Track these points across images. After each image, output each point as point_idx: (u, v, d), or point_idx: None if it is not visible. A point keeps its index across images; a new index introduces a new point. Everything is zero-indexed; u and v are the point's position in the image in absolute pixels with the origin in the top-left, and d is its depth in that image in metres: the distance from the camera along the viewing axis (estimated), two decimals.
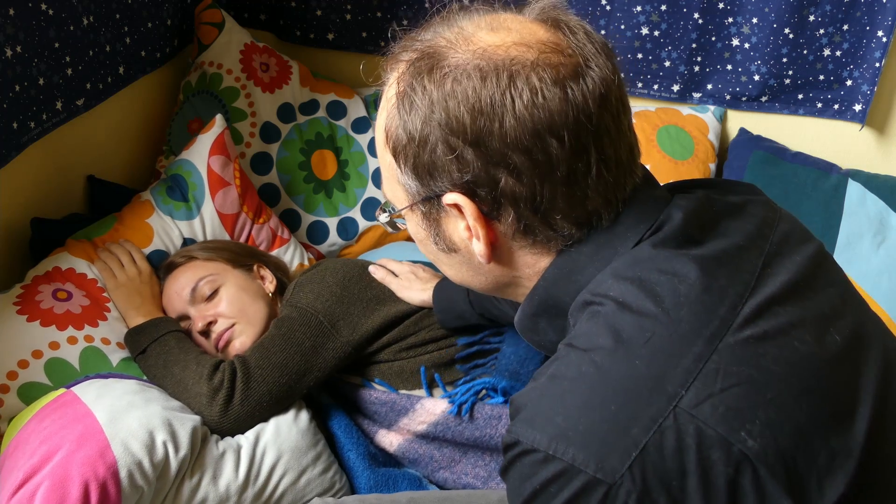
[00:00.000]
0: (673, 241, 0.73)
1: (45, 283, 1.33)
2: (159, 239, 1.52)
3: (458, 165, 0.72)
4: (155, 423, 1.08)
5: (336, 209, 1.85)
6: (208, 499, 1.11)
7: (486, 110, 0.70)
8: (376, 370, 1.34)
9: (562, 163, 0.71)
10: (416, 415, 1.28)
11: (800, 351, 0.69)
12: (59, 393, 1.13)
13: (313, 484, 1.21)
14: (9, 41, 1.26)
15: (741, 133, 1.96)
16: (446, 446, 1.27)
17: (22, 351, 1.21)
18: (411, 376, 1.33)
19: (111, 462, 1.01)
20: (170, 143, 1.80)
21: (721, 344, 0.67)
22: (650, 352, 0.66)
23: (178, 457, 1.08)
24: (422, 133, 0.72)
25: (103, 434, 1.04)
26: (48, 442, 1.03)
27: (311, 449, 1.22)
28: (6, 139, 1.29)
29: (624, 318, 0.69)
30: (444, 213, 0.77)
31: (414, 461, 1.29)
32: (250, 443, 1.18)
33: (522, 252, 0.77)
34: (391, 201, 0.83)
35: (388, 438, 1.31)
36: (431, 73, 0.72)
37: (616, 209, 0.76)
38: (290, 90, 1.89)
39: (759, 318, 0.69)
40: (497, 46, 0.72)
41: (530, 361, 1.31)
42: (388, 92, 0.77)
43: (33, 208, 1.48)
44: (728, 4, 1.86)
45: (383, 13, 1.99)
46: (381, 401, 1.30)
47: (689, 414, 0.63)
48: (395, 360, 1.34)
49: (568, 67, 0.72)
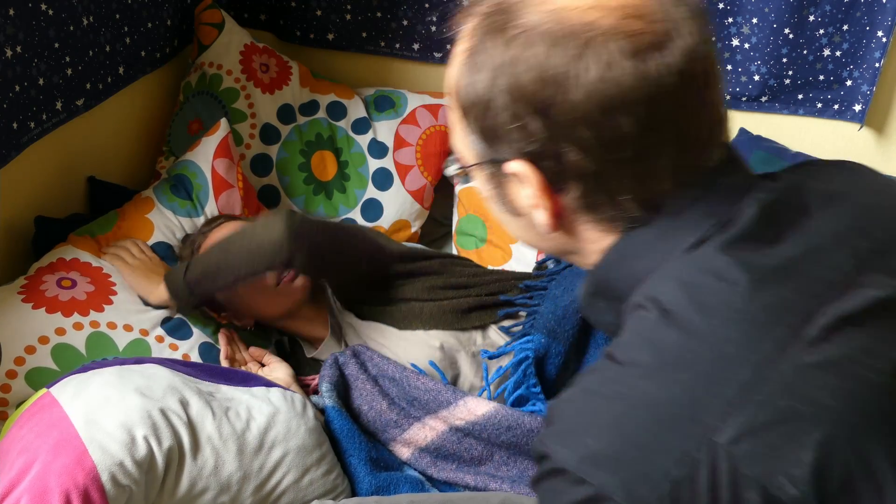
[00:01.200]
0: (740, 242, 0.65)
1: (49, 273, 1.35)
2: (160, 232, 1.52)
3: (522, 134, 0.68)
4: (134, 418, 1.05)
5: (336, 210, 1.85)
6: (209, 488, 1.09)
7: (553, 80, 0.65)
8: (407, 310, 1.42)
9: (632, 141, 0.66)
10: (457, 410, 1.28)
11: (867, 382, 0.60)
12: (39, 395, 1.11)
13: (316, 484, 1.19)
14: (9, 41, 1.25)
15: (741, 133, 1.96)
16: (479, 444, 1.28)
17: (28, 337, 1.25)
18: (444, 316, 1.41)
19: (90, 468, 0.99)
20: (170, 144, 1.80)
21: (772, 371, 0.59)
22: (690, 376, 0.60)
23: (163, 448, 1.05)
24: (487, 96, 0.68)
25: (79, 440, 1.01)
26: (25, 453, 1.01)
27: (317, 449, 1.21)
28: (6, 139, 1.29)
29: (667, 332, 0.63)
30: (509, 178, 0.72)
31: (446, 456, 1.29)
32: (258, 434, 1.15)
33: (587, 227, 0.73)
34: (460, 154, 0.78)
35: (422, 432, 1.30)
36: (501, 33, 0.68)
37: (688, 194, 0.69)
38: (290, 91, 1.89)
39: (824, 342, 0.60)
40: (573, 9, 0.66)
41: (567, 321, 1.34)
42: (460, 45, 0.74)
43: (34, 209, 1.48)
44: (728, 4, 1.86)
45: (383, 13, 1.99)
46: (427, 388, 1.31)
47: (725, 450, 0.57)
48: (426, 301, 1.42)
49: (648, 36, 0.65)
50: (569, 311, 1.36)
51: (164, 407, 1.09)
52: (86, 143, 1.61)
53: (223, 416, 1.13)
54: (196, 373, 1.20)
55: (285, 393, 1.23)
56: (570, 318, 1.35)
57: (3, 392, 1.21)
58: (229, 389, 1.19)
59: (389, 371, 1.34)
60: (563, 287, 1.42)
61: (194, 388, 1.15)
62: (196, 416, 1.11)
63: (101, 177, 1.66)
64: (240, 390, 1.20)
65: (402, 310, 1.44)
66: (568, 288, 1.42)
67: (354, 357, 1.36)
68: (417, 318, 1.42)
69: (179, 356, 1.37)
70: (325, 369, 1.36)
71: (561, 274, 1.47)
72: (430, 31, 2.00)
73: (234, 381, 1.22)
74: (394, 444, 1.32)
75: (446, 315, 1.42)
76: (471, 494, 1.17)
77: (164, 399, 1.10)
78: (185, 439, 1.08)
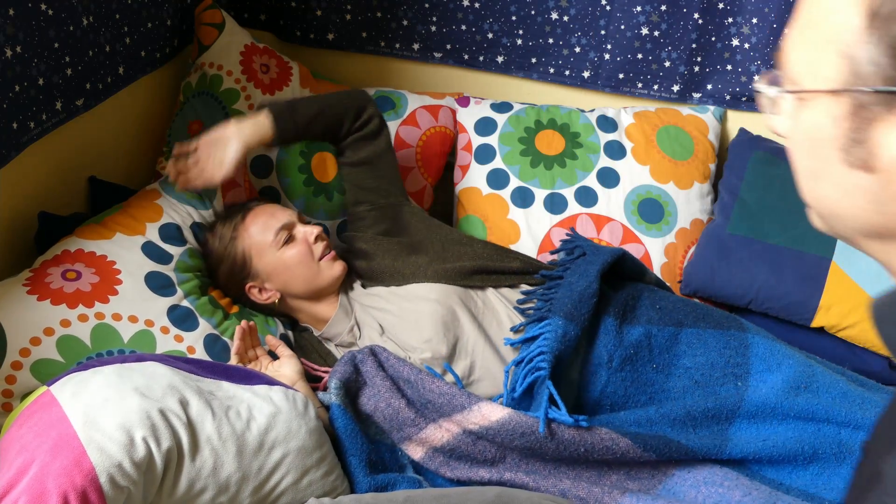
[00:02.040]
0: None
1: (54, 265, 1.35)
2: (168, 216, 1.52)
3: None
4: (133, 419, 1.04)
5: (336, 211, 1.85)
6: (207, 488, 1.09)
7: None
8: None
9: None
10: (471, 415, 1.28)
11: None
12: (39, 393, 1.11)
13: (315, 485, 1.19)
14: (9, 41, 1.25)
15: (741, 133, 1.96)
16: (493, 447, 1.28)
17: (34, 329, 1.25)
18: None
19: (88, 469, 0.99)
20: (170, 145, 1.80)
21: None
22: None
23: (162, 450, 1.04)
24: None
25: (78, 441, 1.01)
26: (23, 453, 1.01)
27: (317, 450, 1.20)
28: (6, 139, 1.29)
29: None
30: (885, 118, 0.55)
31: (460, 457, 1.29)
32: (258, 435, 1.15)
33: None
34: (796, 73, 0.60)
35: (438, 433, 1.30)
36: None
37: None
38: (290, 91, 1.89)
39: None
40: None
41: (584, 304, 1.39)
42: None
43: (35, 208, 1.48)
44: (728, 4, 1.86)
45: (383, 13, 1.99)
46: (442, 391, 1.31)
47: None
48: (430, 260, 1.55)
49: None
50: (585, 296, 1.40)
51: (164, 407, 1.08)
52: (86, 144, 1.61)
53: (223, 415, 1.13)
54: (197, 370, 1.20)
55: (287, 392, 1.23)
56: (587, 302, 1.39)
57: (8, 383, 1.22)
58: (231, 387, 1.19)
59: (405, 373, 1.35)
60: (577, 273, 1.47)
61: (195, 386, 1.15)
62: (196, 417, 1.11)
63: (101, 177, 1.66)
64: (241, 388, 1.19)
65: (406, 266, 1.55)
66: (583, 274, 1.46)
67: (372, 356, 1.37)
68: (422, 273, 1.52)
69: (184, 348, 1.37)
70: (338, 366, 1.37)
71: (574, 263, 1.52)
72: (430, 31, 2.00)
73: (236, 378, 1.22)
74: (408, 443, 1.32)
75: (447, 272, 1.52)
76: (466, 489, 1.17)
77: (164, 399, 1.10)
78: (184, 440, 1.08)
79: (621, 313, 1.43)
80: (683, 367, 1.39)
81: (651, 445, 1.26)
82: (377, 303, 1.54)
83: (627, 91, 2.00)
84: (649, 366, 1.39)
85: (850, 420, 1.29)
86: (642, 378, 1.38)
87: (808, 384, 1.34)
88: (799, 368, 1.36)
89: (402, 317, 1.49)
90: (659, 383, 1.38)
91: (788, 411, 1.31)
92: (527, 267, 1.58)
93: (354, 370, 1.36)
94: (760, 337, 1.42)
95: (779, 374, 1.36)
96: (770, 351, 1.39)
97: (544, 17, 1.95)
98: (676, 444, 1.28)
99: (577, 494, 1.25)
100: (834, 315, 1.70)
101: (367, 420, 1.34)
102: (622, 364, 1.38)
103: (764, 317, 1.76)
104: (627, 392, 1.37)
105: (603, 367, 1.37)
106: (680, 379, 1.38)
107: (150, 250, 1.44)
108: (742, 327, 1.44)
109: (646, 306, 1.46)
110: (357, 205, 1.68)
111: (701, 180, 1.90)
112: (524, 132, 1.92)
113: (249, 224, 1.53)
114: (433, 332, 1.44)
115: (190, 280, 1.46)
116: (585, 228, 1.81)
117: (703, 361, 1.39)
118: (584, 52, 1.97)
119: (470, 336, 1.46)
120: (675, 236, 1.84)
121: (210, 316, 1.43)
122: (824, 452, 1.28)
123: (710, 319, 1.45)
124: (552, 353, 1.32)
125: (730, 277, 1.75)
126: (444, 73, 2.07)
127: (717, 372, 1.38)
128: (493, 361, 1.44)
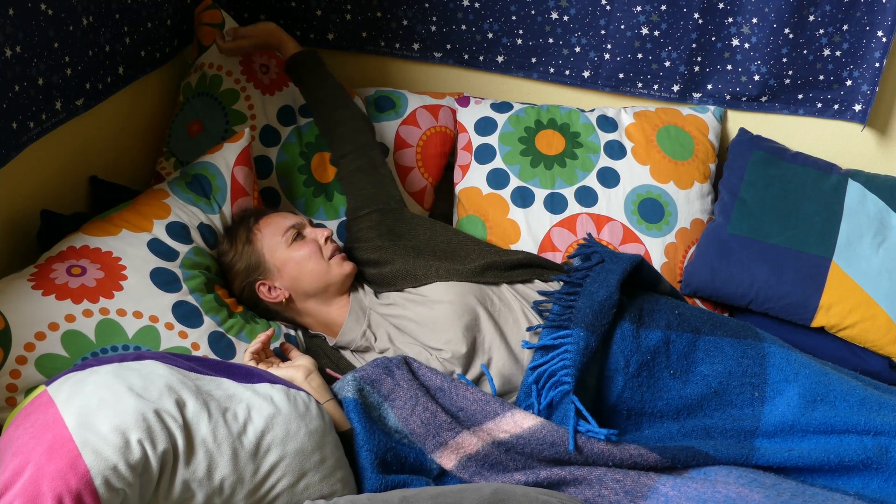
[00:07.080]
0: None
1: (59, 261, 1.36)
2: (175, 215, 1.51)
3: None
4: (129, 421, 1.04)
5: (337, 212, 1.85)
6: (201, 491, 1.08)
7: None
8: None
9: None
10: (503, 422, 1.28)
11: None
12: (37, 393, 1.11)
13: (312, 489, 1.17)
14: (8, 41, 1.25)
15: (741, 133, 1.96)
16: (522, 458, 1.28)
17: (38, 324, 1.26)
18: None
19: (83, 472, 0.99)
20: (170, 145, 1.80)
21: None
22: None
23: (158, 452, 1.04)
24: None
25: (73, 443, 1.01)
26: (19, 455, 1.01)
27: (317, 452, 1.18)
28: (6, 139, 1.29)
29: None
30: None
31: (492, 465, 1.28)
32: (254, 438, 1.14)
33: None
34: None
35: (472, 439, 1.29)
36: None
37: None
38: (290, 92, 1.89)
39: None
40: None
41: (604, 315, 1.39)
42: None
43: (36, 208, 1.48)
44: (728, 4, 1.86)
45: (383, 13, 1.99)
46: (476, 398, 1.32)
47: None
48: (438, 259, 1.58)
49: None
50: (605, 306, 1.40)
51: (160, 408, 1.08)
52: (86, 143, 1.61)
53: (220, 417, 1.13)
54: (198, 367, 1.19)
55: (289, 392, 1.22)
56: (607, 312, 1.40)
57: (13, 378, 1.22)
58: (232, 385, 1.18)
59: (437, 381, 1.35)
60: (597, 283, 1.47)
61: (192, 386, 1.14)
62: (192, 418, 1.10)
63: (101, 177, 1.66)
64: (242, 387, 1.19)
65: (417, 268, 1.56)
66: (603, 283, 1.46)
67: (406, 364, 1.37)
68: (434, 273, 1.54)
69: (189, 344, 1.37)
70: (366, 366, 1.36)
71: (594, 270, 1.51)
72: (430, 31, 2.00)
73: (238, 376, 1.21)
74: (443, 449, 1.30)
75: (460, 271, 1.53)
76: (462, 487, 1.16)
77: (160, 400, 1.09)
78: (179, 442, 1.07)
79: (638, 318, 1.43)
80: (701, 374, 1.39)
81: (679, 458, 1.27)
82: (394, 310, 1.53)
83: (627, 91, 2.00)
84: (667, 371, 1.39)
85: (871, 427, 1.29)
86: (659, 384, 1.38)
87: (824, 396, 1.35)
88: (815, 378, 1.36)
89: (420, 322, 1.49)
90: (676, 389, 1.38)
91: (807, 427, 1.32)
92: (533, 259, 1.59)
93: (385, 374, 1.34)
94: (777, 346, 1.42)
95: (795, 386, 1.36)
96: (786, 360, 1.39)
97: (544, 17, 1.95)
98: (704, 455, 1.28)
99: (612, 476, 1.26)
100: (834, 315, 1.70)
101: (408, 422, 1.32)
102: (639, 369, 1.38)
103: (764, 317, 1.76)
104: (644, 398, 1.37)
105: (620, 373, 1.37)
106: (697, 386, 1.38)
107: (156, 247, 1.44)
108: (758, 337, 1.44)
109: (665, 311, 1.46)
110: (357, 210, 1.69)
111: (701, 180, 1.90)
112: (524, 132, 1.92)
113: (263, 225, 1.56)
114: (453, 332, 1.45)
115: (195, 277, 1.45)
116: (585, 228, 1.81)
117: (721, 370, 1.39)
118: (584, 52, 1.97)
119: (487, 334, 1.46)
120: (675, 236, 1.84)
121: (215, 313, 1.43)
122: (851, 461, 1.28)
123: (726, 328, 1.45)
124: (576, 368, 1.32)
125: (730, 277, 1.74)
126: (444, 72, 2.07)
127: (734, 381, 1.38)
128: (508, 360, 1.44)
